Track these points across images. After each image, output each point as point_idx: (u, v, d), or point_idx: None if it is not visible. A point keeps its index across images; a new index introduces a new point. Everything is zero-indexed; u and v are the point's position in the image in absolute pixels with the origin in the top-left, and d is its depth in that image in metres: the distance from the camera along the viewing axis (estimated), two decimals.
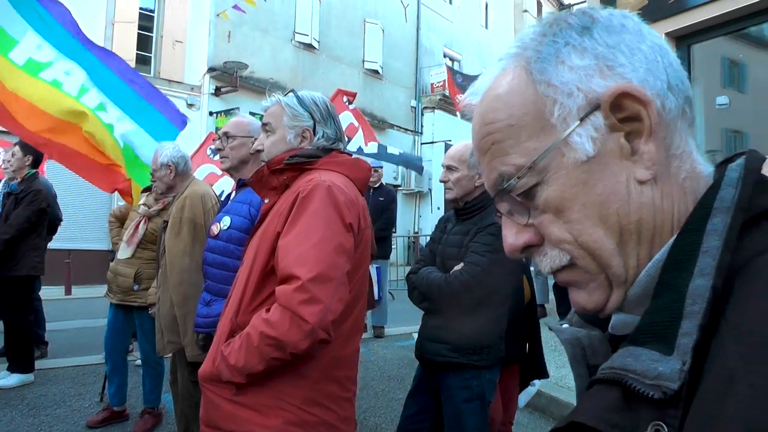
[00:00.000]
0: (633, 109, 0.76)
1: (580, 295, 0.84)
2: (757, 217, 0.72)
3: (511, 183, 0.81)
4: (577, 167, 0.78)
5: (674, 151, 0.79)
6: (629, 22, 0.82)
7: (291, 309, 2.05)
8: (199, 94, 18.00)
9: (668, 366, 0.65)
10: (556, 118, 0.79)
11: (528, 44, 0.84)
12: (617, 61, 0.78)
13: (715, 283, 0.66)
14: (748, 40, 7.40)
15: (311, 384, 2.22)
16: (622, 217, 0.77)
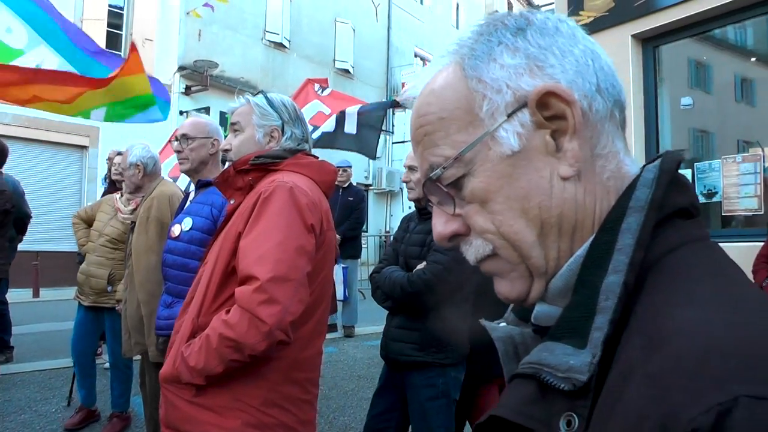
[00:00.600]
0: (558, 108, 0.79)
1: (502, 285, 0.87)
2: (671, 216, 0.77)
3: (438, 173, 0.84)
4: (502, 161, 0.81)
5: (600, 150, 0.82)
6: (564, 26, 0.86)
7: (249, 310, 2.05)
8: (169, 93, 17.89)
9: (579, 359, 0.68)
10: (485, 113, 0.82)
11: (465, 42, 0.87)
12: (548, 62, 0.81)
13: (627, 280, 0.70)
14: (712, 42, 7.52)
15: (271, 385, 2.22)
16: (544, 211, 0.80)
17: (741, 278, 0.72)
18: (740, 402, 0.52)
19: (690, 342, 0.59)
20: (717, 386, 0.54)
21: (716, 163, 7.01)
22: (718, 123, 7.89)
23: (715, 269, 0.72)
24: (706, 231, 0.81)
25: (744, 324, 0.60)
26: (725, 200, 6.88)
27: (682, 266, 0.72)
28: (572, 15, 7.92)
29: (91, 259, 5.51)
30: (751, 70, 7.66)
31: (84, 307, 5.59)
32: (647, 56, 7.50)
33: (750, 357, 0.56)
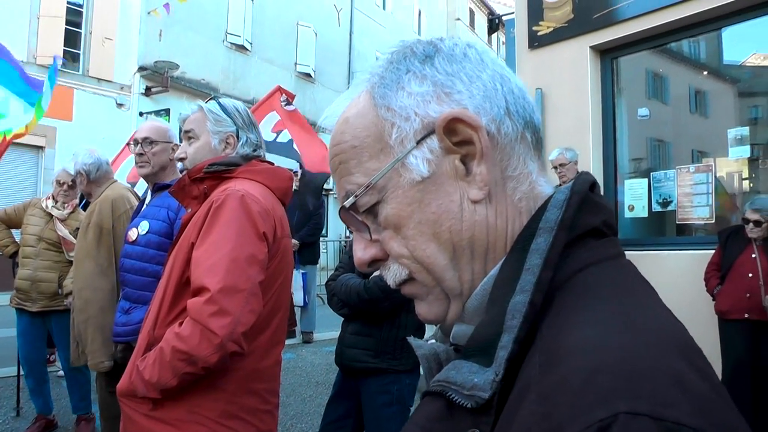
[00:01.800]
0: (465, 133, 0.80)
1: (422, 307, 0.89)
2: (583, 236, 0.79)
3: (351, 200, 0.86)
4: (412, 187, 0.82)
5: (511, 172, 0.84)
6: (472, 52, 0.87)
7: (201, 322, 2.03)
8: (129, 94, 17.64)
9: (483, 377, 0.70)
10: (394, 140, 0.83)
11: (376, 71, 0.89)
12: (455, 88, 0.83)
13: (533, 299, 0.71)
14: (669, 55, 7.70)
15: (228, 397, 2.20)
16: (455, 234, 0.81)
17: (645, 297, 0.74)
18: (619, 418, 0.54)
19: (580, 361, 0.61)
20: (600, 403, 0.56)
21: (671, 172, 7.16)
22: (674, 133, 8.07)
23: (620, 288, 0.74)
24: (619, 249, 0.83)
25: (635, 344, 0.62)
26: (679, 209, 7.03)
27: (588, 285, 0.73)
28: (532, 25, 8.03)
29: (37, 264, 5.44)
30: (705, 83, 7.85)
31: (29, 314, 5.50)
32: (605, 67, 7.63)
33: (634, 375, 0.58)
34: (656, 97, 8.19)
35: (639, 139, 8.01)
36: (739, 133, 6.72)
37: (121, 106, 17.37)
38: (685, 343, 0.66)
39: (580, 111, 7.52)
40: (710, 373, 0.64)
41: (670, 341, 0.64)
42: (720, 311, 5.68)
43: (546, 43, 7.95)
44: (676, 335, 0.67)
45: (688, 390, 0.57)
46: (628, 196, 7.49)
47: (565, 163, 6.49)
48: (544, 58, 8.00)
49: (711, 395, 0.59)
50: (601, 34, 7.42)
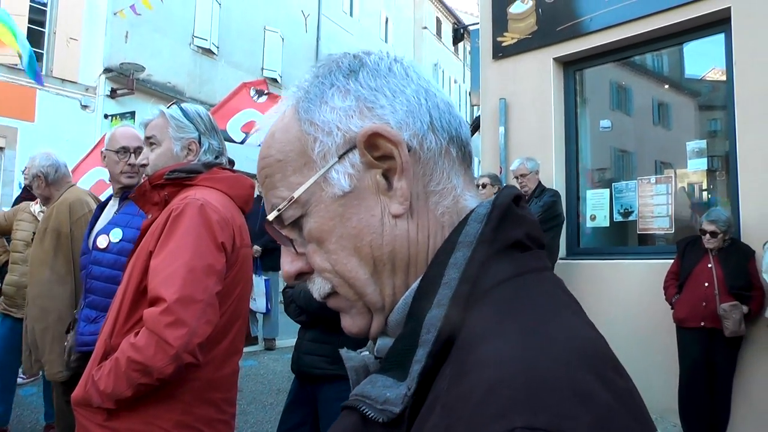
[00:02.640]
0: (386, 148, 0.80)
1: (346, 320, 0.89)
2: (505, 249, 0.78)
3: (275, 214, 0.86)
4: (334, 201, 0.83)
5: (433, 187, 0.84)
6: (397, 66, 0.88)
7: (156, 332, 2.00)
8: (94, 96, 17.33)
9: (395, 391, 0.71)
10: (317, 154, 0.83)
11: (302, 85, 0.89)
12: (378, 103, 0.83)
13: (449, 313, 0.72)
14: (633, 67, 7.85)
15: (184, 407, 2.18)
16: (375, 249, 0.82)
17: (562, 310, 0.74)
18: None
19: (484, 374, 0.61)
20: (498, 418, 0.56)
21: (632, 183, 7.30)
22: (638, 144, 8.22)
23: (536, 301, 0.73)
24: (542, 263, 0.83)
25: (540, 356, 0.62)
26: (640, 219, 7.17)
27: (505, 299, 0.73)
28: (497, 36, 8.13)
29: (24, 270, 5.24)
30: (667, 96, 8.01)
31: (12, 320, 5.38)
32: (568, 79, 7.76)
33: (535, 388, 0.58)
34: (620, 109, 8.35)
35: (602, 150, 8.15)
36: (698, 146, 6.88)
37: (86, 107, 17.06)
38: (596, 354, 0.66)
39: (542, 121, 7.64)
40: (620, 383, 0.64)
41: (579, 353, 0.64)
42: (677, 319, 5.80)
43: (510, 54, 8.07)
44: (587, 347, 0.66)
45: (589, 402, 0.57)
46: (590, 206, 7.61)
47: (525, 173, 6.58)
48: (507, 68, 8.11)
49: (615, 406, 0.59)
50: (564, 47, 7.56)
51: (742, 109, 6.13)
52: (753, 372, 5.79)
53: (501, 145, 8.00)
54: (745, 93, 6.12)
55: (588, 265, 7.21)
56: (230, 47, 21.17)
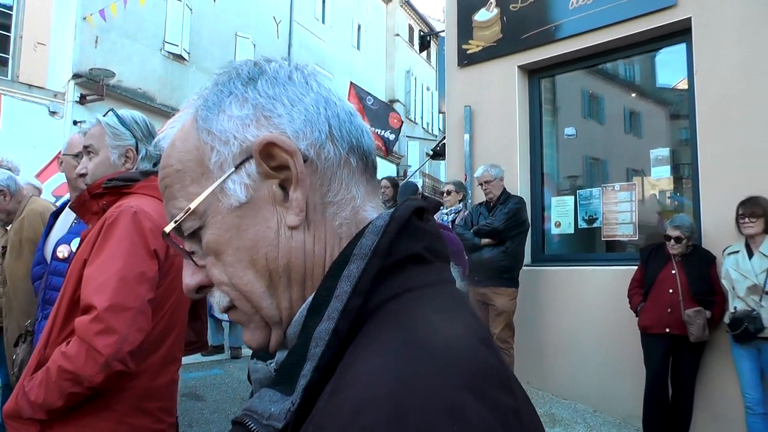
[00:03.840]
0: (282, 158, 0.79)
1: (245, 334, 0.88)
2: (402, 262, 0.77)
3: (172, 225, 0.84)
4: (230, 212, 0.81)
5: (331, 198, 0.83)
6: (297, 74, 0.86)
7: (87, 341, 1.98)
8: (63, 102, 17.11)
9: (280, 406, 0.70)
10: (214, 164, 0.82)
11: (203, 93, 0.87)
12: (275, 111, 0.82)
13: (338, 326, 0.70)
14: (597, 75, 7.93)
15: (118, 417, 2.15)
16: (271, 261, 0.80)
17: (453, 325, 0.71)
18: None
19: (355, 392, 0.60)
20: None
21: (597, 190, 7.36)
22: (603, 152, 8.30)
23: (426, 317, 0.71)
24: (441, 276, 0.81)
25: (416, 374, 0.60)
26: (605, 226, 7.23)
27: (395, 314, 0.71)
28: (462, 44, 8.19)
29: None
30: (633, 104, 8.11)
31: None
32: (533, 87, 7.83)
33: (404, 407, 0.56)
34: (585, 117, 8.44)
35: (567, 157, 8.22)
36: (661, 154, 6.96)
37: (55, 114, 16.84)
38: (481, 372, 0.64)
39: (508, 129, 7.70)
40: (505, 402, 0.62)
41: (461, 370, 0.62)
42: (642, 326, 5.87)
43: (475, 62, 8.15)
44: (473, 364, 0.64)
45: (462, 421, 0.56)
46: (555, 213, 7.67)
47: (490, 180, 6.62)
48: (473, 76, 8.17)
49: (493, 426, 0.58)
50: (528, 55, 7.64)
51: (703, 118, 6.23)
52: (714, 376, 5.87)
53: (466, 153, 8.05)
54: (706, 102, 6.23)
55: (553, 272, 7.27)
56: (201, 53, 21.06)
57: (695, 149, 6.34)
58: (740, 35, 6.06)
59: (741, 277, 5.32)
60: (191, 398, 6.88)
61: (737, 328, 5.21)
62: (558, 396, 7.00)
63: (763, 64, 5.89)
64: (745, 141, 5.90)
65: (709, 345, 5.81)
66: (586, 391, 6.79)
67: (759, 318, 5.13)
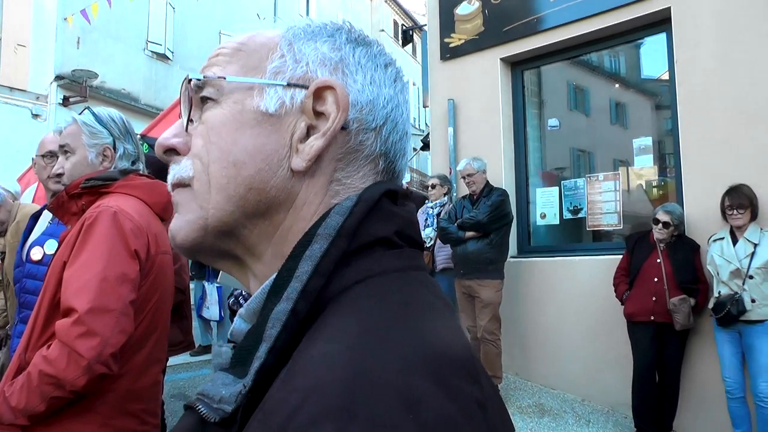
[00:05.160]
0: (329, 107, 0.78)
1: (175, 220, 0.84)
2: (371, 246, 0.75)
3: (199, 78, 0.83)
4: (253, 112, 0.80)
5: (341, 177, 0.81)
6: (392, 69, 0.88)
7: (68, 344, 1.95)
8: (46, 104, 16.96)
9: (231, 390, 0.67)
10: (271, 67, 0.82)
11: (308, 22, 0.88)
12: (354, 76, 0.82)
13: (297, 307, 0.68)
14: (580, 66, 7.97)
15: (102, 419, 2.12)
16: (258, 180, 0.78)
17: (419, 312, 0.69)
18: None
19: (306, 378, 0.58)
20: (309, 424, 0.52)
21: (581, 181, 7.40)
22: (587, 142, 8.34)
23: (390, 302, 0.69)
24: (411, 262, 0.79)
25: (373, 361, 0.58)
26: (590, 216, 7.27)
27: (358, 299, 0.69)
28: (444, 37, 8.21)
29: None
30: (617, 94, 8.14)
31: None
32: (516, 79, 7.86)
33: (357, 395, 0.54)
34: (569, 108, 8.47)
35: (551, 149, 8.26)
36: (644, 143, 7.00)
37: (37, 116, 16.70)
38: (446, 360, 0.62)
39: (491, 121, 7.72)
40: (470, 392, 0.60)
41: (422, 358, 0.59)
42: (628, 314, 5.92)
43: (458, 55, 8.17)
44: (437, 352, 0.62)
45: (418, 410, 0.54)
46: (540, 204, 7.70)
47: (472, 173, 6.63)
48: (455, 69, 8.20)
49: (453, 416, 0.55)
50: (510, 47, 7.67)
51: (684, 107, 6.28)
52: (699, 362, 5.94)
53: (450, 146, 8.07)
54: (686, 92, 6.29)
55: (539, 263, 7.30)
56: (185, 52, 20.94)
57: (677, 138, 6.39)
58: (719, 24, 6.11)
59: (725, 262, 5.38)
60: (180, 399, 6.87)
61: (720, 312, 5.28)
62: (546, 386, 7.04)
63: (741, 52, 5.94)
64: (725, 129, 5.96)
65: (693, 332, 5.88)
66: (574, 380, 6.84)
67: (741, 301, 5.20)
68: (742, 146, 5.83)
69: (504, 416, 0.69)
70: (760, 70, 5.81)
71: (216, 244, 0.82)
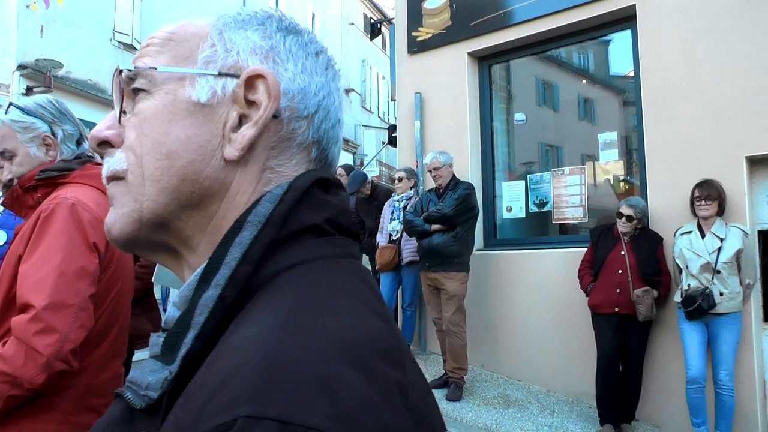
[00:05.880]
0: (260, 95, 0.78)
1: (110, 214, 0.83)
2: (301, 233, 0.75)
3: (130, 69, 0.82)
4: (185, 102, 0.79)
5: (274, 164, 0.81)
6: (323, 57, 0.88)
7: (25, 341, 1.89)
8: (8, 94, 16.64)
9: (158, 376, 0.68)
10: (204, 57, 0.81)
11: (238, 11, 0.88)
12: (285, 64, 0.82)
13: (224, 294, 0.68)
14: (548, 61, 8.03)
15: (62, 416, 2.06)
16: (191, 171, 0.78)
17: (344, 299, 0.70)
18: (238, 423, 0.51)
19: (226, 362, 0.58)
20: (225, 408, 0.53)
21: (547, 175, 7.47)
22: (554, 137, 8.42)
23: (316, 288, 0.70)
24: (341, 250, 0.79)
25: (291, 345, 0.58)
26: (555, 209, 7.35)
27: (286, 285, 0.69)
28: (412, 31, 8.23)
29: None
30: (584, 89, 8.23)
31: None
32: (483, 73, 7.91)
33: (274, 377, 0.54)
34: (536, 102, 8.55)
35: (517, 143, 8.33)
36: (609, 138, 7.10)
37: None
38: (368, 345, 0.62)
39: (458, 116, 7.78)
40: (392, 376, 0.61)
41: (342, 342, 0.60)
42: (592, 306, 6.01)
43: (425, 49, 8.20)
44: (358, 337, 0.63)
45: (335, 393, 0.54)
46: (506, 198, 7.77)
47: (438, 166, 6.66)
48: (423, 63, 8.22)
49: (371, 399, 0.56)
50: (478, 41, 7.71)
51: (649, 103, 6.39)
52: (661, 353, 6.07)
53: (417, 140, 8.11)
54: (651, 88, 6.39)
55: (505, 256, 7.37)
56: None
57: (641, 133, 6.50)
58: (682, 21, 6.21)
59: (695, 255, 5.49)
60: None
61: (691, 305, 5.39)
62: (512, 377, 7.11)
63: (704, 49, 6.04)
64: (688, 125, 6.07)
65: (656, 323, 5.99)
66: (539, 371, 6.92)
67: (711, 295, 5.33)
68: (705, 142, 5.95)
69: (428, 400, 0.70)
70: (724, 67, 5.91)
71: (151, 236, 0.82)
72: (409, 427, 0.59)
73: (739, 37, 5.85)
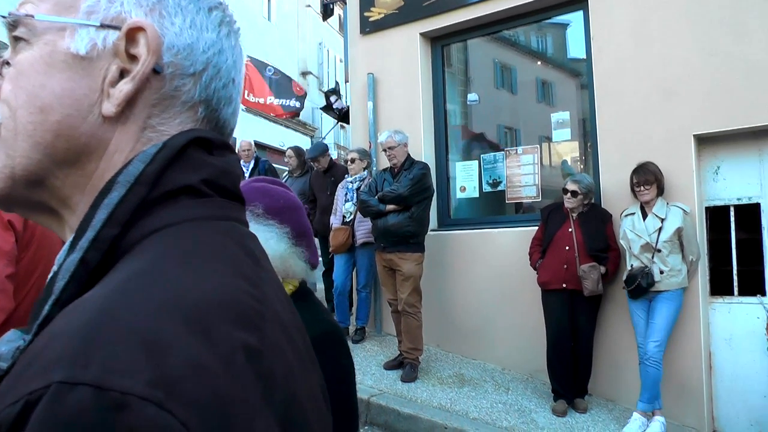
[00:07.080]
0: (140, 49, 0.74)
1: None
2: (174, 194, 0.72)
3: (11, 16, 0.77)
4: (64, 53, 0.74)
5: (155, 124, 0.77)
6: (217, 13, 0.83)
7: None
8: None
9: (9, 346, 0.64)
10: (85, 6, 0.75)
11: None
12: (171, 18, 0.78)
13: (86, 256, 0.65)
14: (501, 41, 8.06)
15: None
16: (66, 126, 0.73)
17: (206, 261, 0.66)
18: (51, 389, 0.48)
19: (54, 324, 0.56)
20: (40, 373, 0.49)
21: (500, 154, 7.52)
22: (507, 117, 8.47)
23: (176, 250, 0.66)
24: (216, 211, 0.76)
25: (122, 307, 0.55)
26: (509, 189, 7.40)
27: (149, 246, 0.66)
28: (364, 11, 8.16)
29: None
30: (537, 70, 8.27)
31: None
32: (435, 54, 7.90)
33: (94, 339, 0.51)
34: (504, 87, 8.59)
35: (471, 123, 8.37)
36: (561, 117, 7.16)
37: None
38: (218, 306, 0.59)
39: (411, 96, 7.77)
40: (238, 339, 0.58)
41: (186, 304, 0.57)
42: (541, 282, 6.10)
43: (377, 29, 8.14)
44: (208, 298, 0.59)
45: (161, 357, 0.51)
46: (460, 178, 7.80)
47: (393, 146, 6.64)
48: (375, 43, 8.18)
49: (206, 363, 0.53)
50: (430, 22, 7.68)
51: (600, 83, 6.47)
52: (611, 328, 6.19)
53: (370, 120, 8.08)
54: (602, 69, 6.47)
55: (459, 236, 7.41)
56: None
57: (593, 113, 6.58)
58: (634, 3, 6.28)
59: (636, 236, 5.62)
60: None
61: (632, 284, 5.53)
62: (467, 357, 7.18)
63: (653, 29, 6.13)
64: (638, 104, 6.16)
65: (605, 299, 6.10)
66: (494, 350, 7.01)
67: (651, 274, 5.47)
68: (654, 121, 6.04)
69: (297, 367, 0.68)
70: (674, 48, 6.00)
71: (27, 195, 0.77)
72: (252, 394, 0.56)
73: (688, 17, 5.94)
